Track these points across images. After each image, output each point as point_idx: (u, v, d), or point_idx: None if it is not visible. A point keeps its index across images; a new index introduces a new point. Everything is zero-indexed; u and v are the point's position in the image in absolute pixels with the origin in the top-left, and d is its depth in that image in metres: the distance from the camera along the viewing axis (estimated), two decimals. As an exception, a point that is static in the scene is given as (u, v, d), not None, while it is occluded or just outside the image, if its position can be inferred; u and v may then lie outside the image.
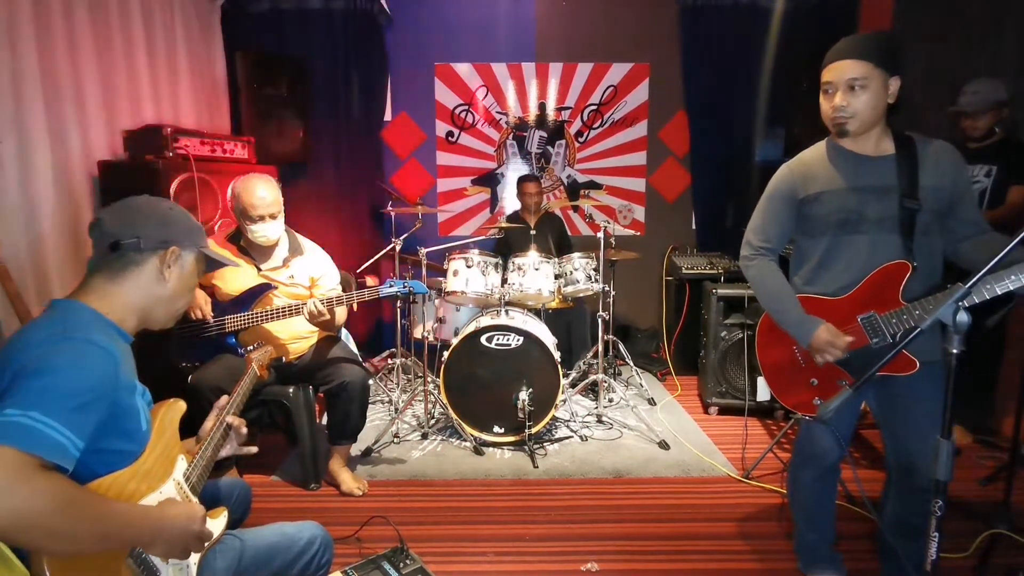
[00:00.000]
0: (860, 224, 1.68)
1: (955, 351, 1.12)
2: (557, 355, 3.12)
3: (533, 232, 3.87)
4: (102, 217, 1.25)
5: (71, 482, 1.01)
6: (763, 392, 3.32)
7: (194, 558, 1.26)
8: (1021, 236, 1.11)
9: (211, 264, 1.41)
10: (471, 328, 3.14)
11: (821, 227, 1.74)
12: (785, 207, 1.80)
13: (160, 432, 1.28)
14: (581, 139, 4.74)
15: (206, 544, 1.28)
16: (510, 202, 4.76)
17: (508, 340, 3.10)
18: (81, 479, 1.06)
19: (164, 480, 1.25)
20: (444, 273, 3.41)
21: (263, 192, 2.46)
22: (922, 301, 1.59)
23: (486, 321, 3.14)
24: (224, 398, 1.57)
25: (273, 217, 2.50)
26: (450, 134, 4.72)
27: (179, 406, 1.38)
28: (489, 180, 4.80)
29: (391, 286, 2.54)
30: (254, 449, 1.60)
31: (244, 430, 1.53)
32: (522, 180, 4.27)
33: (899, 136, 1.68)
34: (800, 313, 1.75)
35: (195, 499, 1.31)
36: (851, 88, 1.61)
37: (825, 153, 1.76)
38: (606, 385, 3.60)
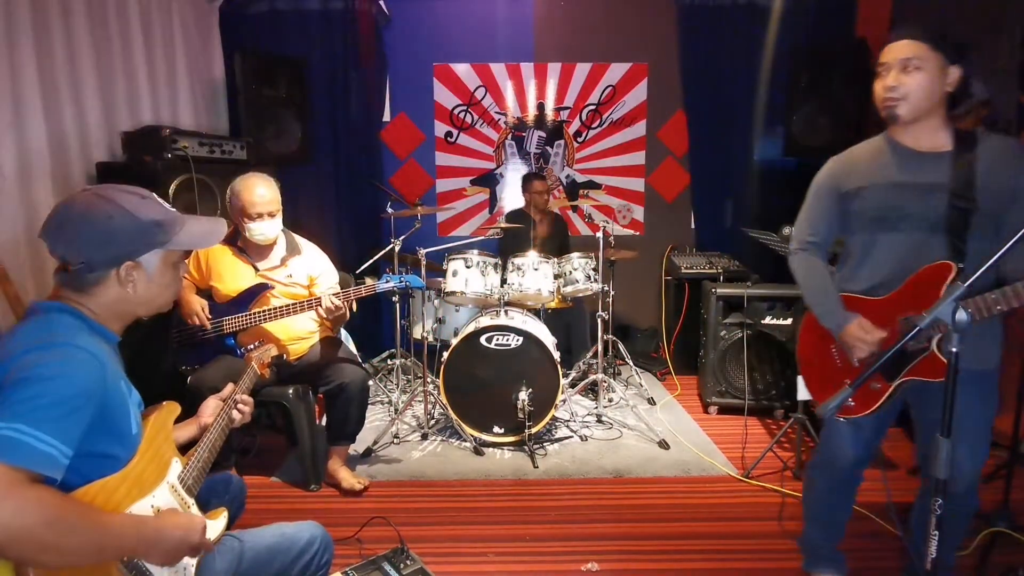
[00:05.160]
0: (899, 222, 1.61)
1: (955, 349, 1.12)
2: (557, 355, 3.12)
3: (536, 230, 3.86)
4: (46, 240, 1.17)
5: (61, 495, 0.99)
6: (803, 392, 3.27)
7: (192, 560, 1.25)
8: (1021, 234, 1.11)
9: (192, 245, 1.30)
10: (470, 328, 3.14)
11: (859, 223, 1.69)
12: (830, 201, 1.75)
13: (152, 436, 1.26)
14: (580, 139, 4.73)
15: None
16: (509, 202, 4.76)
17: (508, 340, 3.10)
18: (72, 485, 1.04)
19: (157, 484, 1.22)
20: (443, 273, 3.40)
21: (263, 190, 2.47)
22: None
23: (486, 321, 3.14)
24: (224, 391, 1.57)
25: (272, 215, 2.50)
26: (449, 134, 4.72)
27: (172, 409, 1.37)
28: (488, 180, 4.80)
29: (387, 281, 2.55)
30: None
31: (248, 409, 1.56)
32: (529, 178, 4.25)
33: (960, 131, 1.60)
34: (835, 306, 1.70)
35: (192, 501, 1.31)
36: (904, 68, 1.54)
37: (875, 147, 1.70)
38: (606, 385, 3.60)
